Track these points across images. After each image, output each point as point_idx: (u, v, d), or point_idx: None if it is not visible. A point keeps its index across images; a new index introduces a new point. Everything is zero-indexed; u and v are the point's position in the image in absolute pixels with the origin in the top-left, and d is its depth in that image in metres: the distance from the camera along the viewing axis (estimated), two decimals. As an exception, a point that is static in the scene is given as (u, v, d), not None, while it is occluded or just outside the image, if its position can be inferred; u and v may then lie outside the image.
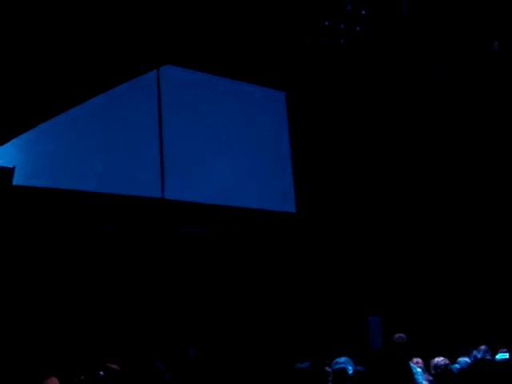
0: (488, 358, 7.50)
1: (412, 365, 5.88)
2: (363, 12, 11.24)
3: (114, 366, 6.44)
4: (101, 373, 6.35)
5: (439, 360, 6.78)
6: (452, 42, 12.21)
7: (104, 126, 12.19)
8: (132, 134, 12.48)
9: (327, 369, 6.13)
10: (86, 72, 8.97)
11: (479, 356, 7.64)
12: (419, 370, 6.70)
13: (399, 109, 13.76)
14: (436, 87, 13.21)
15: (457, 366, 6.98)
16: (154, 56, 10.19)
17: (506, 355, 7.56)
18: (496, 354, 7.91)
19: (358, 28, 11.39)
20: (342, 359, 6.44)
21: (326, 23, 11.45)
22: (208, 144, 13.44)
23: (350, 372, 5.60)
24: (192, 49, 11.53)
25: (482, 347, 8.07)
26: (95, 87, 10.02)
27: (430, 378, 6.64)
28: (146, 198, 12.40)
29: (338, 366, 4.74)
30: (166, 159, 12.76)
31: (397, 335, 9.73)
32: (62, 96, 9.40)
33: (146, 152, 12.61)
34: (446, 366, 6.75)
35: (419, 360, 7.31)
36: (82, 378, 5.99)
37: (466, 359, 7.25)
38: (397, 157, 13.93)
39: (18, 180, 5.72)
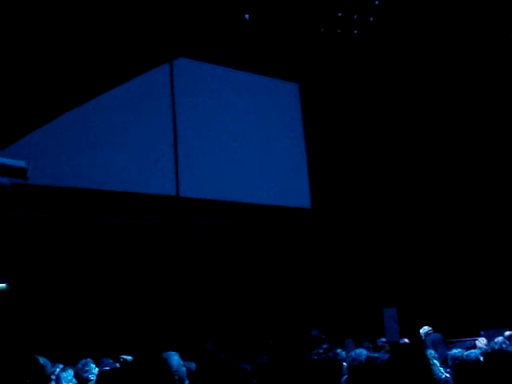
0: (505, 349, 7.43)
1: (429, 356, 5.84)
2: (377, 2, 11.14)
3: (129, 358, 6.45)
4: (116, 364, 6.37)
5: (456, 352, 6.72)
6: (465, 32, 12.07)
7: (117, 126, 12.15)
8: (147, 132, 12.46)
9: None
10: (97, 66, 8.96)
11: (496, 347, 7.56)
12: (436, 361, 6.67)
13: (417, 101, 13.57)
14: (451, 77, 13.05)
15: (473, 357, 6.91)
16: (166, 49, 10.15)
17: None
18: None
19: (371, 18, 11.29)
20: (359, 351, 6.40)
21: (339, 14, 11.37)
22: (222, 140, 13.38)
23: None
24: (205, 41, 11.49)
25: (500, 338, 7.99)
26: (107, 82, 10.00)
27: (448, 369, 6.59)
28: (161, 196, 12.40)
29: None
30: (180, 156, 12.73)
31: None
32: (75, 91, 9.40)
33: (160, 150, 12.59)
34: (463, 357, 6.68)
35: (432, 351, 7.28)
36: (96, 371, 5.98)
37: (483, 350, 7.20)
38: (413, 150, 13.77)
39: (32, 179, 5.72)
